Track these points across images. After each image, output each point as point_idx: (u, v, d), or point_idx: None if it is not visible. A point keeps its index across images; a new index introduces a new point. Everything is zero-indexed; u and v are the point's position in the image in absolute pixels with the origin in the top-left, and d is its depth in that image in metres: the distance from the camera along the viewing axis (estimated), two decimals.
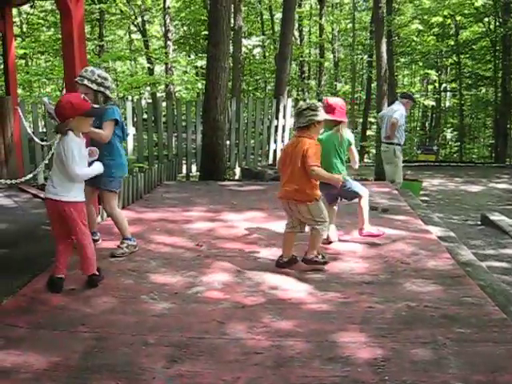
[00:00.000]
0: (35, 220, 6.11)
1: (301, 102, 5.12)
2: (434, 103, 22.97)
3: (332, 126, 4.93)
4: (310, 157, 4.15)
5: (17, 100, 8.58)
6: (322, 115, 4.35)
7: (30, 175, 5.87)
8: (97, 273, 4.09)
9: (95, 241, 4.86)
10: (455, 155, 23.53)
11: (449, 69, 24.79)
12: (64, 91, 8.62)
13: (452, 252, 4.90)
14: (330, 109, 4.80)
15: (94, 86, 4.56)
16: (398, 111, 8.61)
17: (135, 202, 6.93)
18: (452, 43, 21.14)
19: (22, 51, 17.03)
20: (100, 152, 4.35)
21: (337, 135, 4.96)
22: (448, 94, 26.87)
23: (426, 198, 9.92)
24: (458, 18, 18.88)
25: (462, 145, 22.85)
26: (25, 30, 21.15)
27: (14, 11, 10.54)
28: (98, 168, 4.11)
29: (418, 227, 5.76)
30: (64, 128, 3.88)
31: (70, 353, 3.05)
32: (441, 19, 18.36)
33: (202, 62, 19.60)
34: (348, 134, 5.07)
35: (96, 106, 4.45)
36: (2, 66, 10.27)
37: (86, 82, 4.54)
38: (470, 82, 22.58)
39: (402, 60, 22.52)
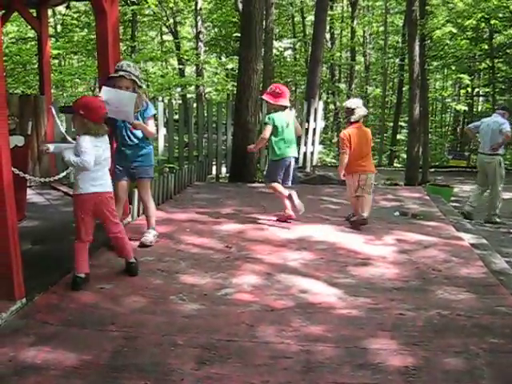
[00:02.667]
0: (66, 218, 6.15)
1: (351, 101, 6.22)
2: (466, 108, 22.59)
3: (283, 109, 5.86)
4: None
5: (50, 99, 8.69)
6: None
7: (64, 173, 5.94)
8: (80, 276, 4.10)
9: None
10: None
11: (482, 73, 24.40)
12: (97, 91, 8.71)
13: (485, 260, 4.81)
14: (285, 95, 5.85)
15: (138, 82, 4.82)
16: (506, 123, 8.72)
17: (165, 202, 6.96)
18: (486, 47, 20.80)
19: (55, 51, 17.28)
20: (140, 142, 4.97)
21: None
22: (481, 98, 26.44)
23: (456, 205, 9.76)
24: (493, 21, 18.57)
25: None
26: (59, 30, 21.42)
27: (49, 12, 10.67)
28: None
29: (450, 234, 5.68)
30: None
31: (99, 351, 3.07)
32: (475, 22, 18.10)
33: (232, 64, 19.63)
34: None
35: None
36: (37, 66, 10.41)
37: (133, 77, 4.75)
38: (503, 86, 22.17)
39: (435, 64, 22.19)
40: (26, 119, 7.69)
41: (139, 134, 4.91)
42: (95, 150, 3.97)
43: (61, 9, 19.87)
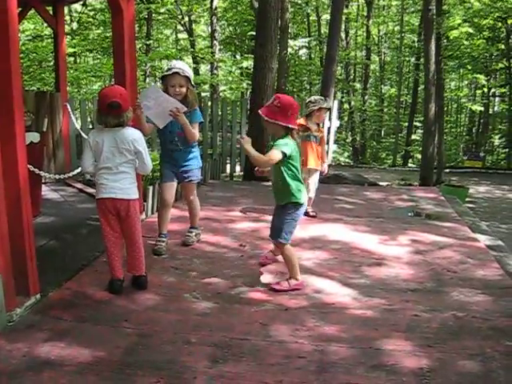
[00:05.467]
0: (81, 214, 6.20)
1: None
2: (481, 108, 22.43)
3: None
4: None
5: (66, 96, 8.74)
6: None
7: (78, 170, 5.96)
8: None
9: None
10: (503, 162, 22.93)
11: (498, 73, 24.21)
12: None
13: (501, 262, 4.75)
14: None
15: (191, 82, 4.69)
16: None
17: (179, 199, 6.96)
18: (502, 47, 20.63)
19: (71, 49, 17.38)
20: (189, 147, 4.87)
21: None
22: (497, 99, 26.23)
23: (471, 206, 9.69)
24: (510, 21, 18.41)
25: (511, 152, 22.24)
26: (75, 28, 21.54)
27: (65, 10, 10.73)
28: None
29: (465, 235, 5.63)
30: (129, 119, 3.78)
31: (113, 348, 3.08)
32: (491, 22, 17.97)
33: (247, 63, 19.63)
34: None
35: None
36: (53, 63, 10.46)
37: (186, 74, 4.61)
38: None
39: (451, 63, 22.06)
40: (41, 116, 7.76)
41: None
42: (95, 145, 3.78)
43: (77, 6, 19.98)
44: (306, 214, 6.08)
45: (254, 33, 13.46)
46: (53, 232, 5.38)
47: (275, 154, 3.88)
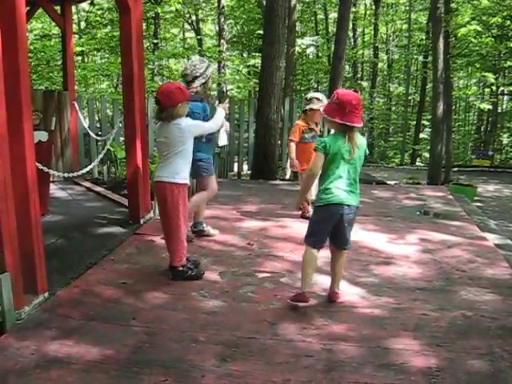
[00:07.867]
0: (89, 213, 6.21)
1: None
2: (490, 107, 22.30)
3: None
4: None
5: (74, 95, 8.76)
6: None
7: (87, 169, 5.97)
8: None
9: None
10: (511, 161, 22.83)
11: (507, 71, 24.06)
12: (120, 87, 8.75)
13: (509, 261, 4.73)
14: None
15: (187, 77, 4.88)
16: None
17: (187, 198, 6.96)
18: (511, 45, 20.51)
19: (79, 48, 17.41)
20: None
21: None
22: (505, 97, 26.09)
23: (480, 205, 9.64)
24: None
25: None
26: (82, 27, 21.59)
27: (73, 9, 10.74)
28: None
29: (474, 234, 5.60)
30: (175, 114, 3.98)
31: (120, 346, 3.08)
32: (500, 20, 17.86)
33: (254, 61, 19.61)
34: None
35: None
36: (61, 62, 10.48)
37: (195, 74, 4.81)
38: None
39: (459, 62, 21.95)
40: (49, 115, 7.79)
41: None
42: None
43: (84, 6, 20.02)
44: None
45: (261, 31, 13.45)
46: (61, 230, 5.40)
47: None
